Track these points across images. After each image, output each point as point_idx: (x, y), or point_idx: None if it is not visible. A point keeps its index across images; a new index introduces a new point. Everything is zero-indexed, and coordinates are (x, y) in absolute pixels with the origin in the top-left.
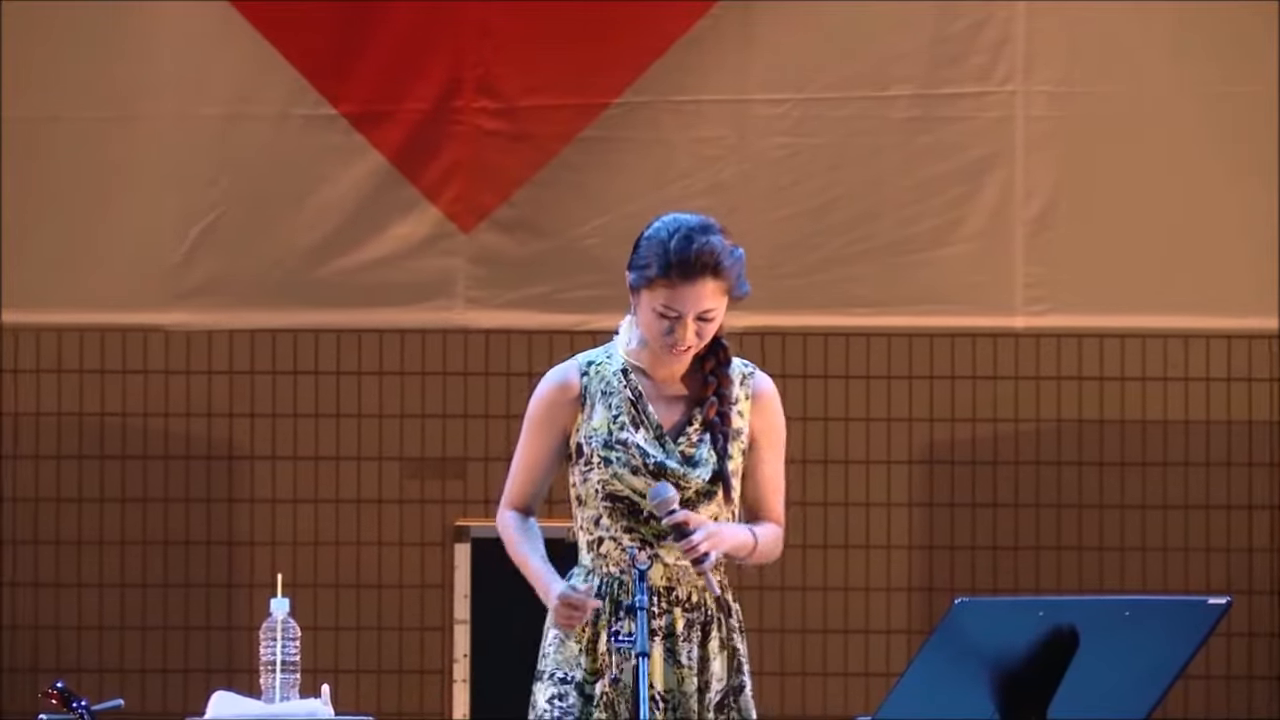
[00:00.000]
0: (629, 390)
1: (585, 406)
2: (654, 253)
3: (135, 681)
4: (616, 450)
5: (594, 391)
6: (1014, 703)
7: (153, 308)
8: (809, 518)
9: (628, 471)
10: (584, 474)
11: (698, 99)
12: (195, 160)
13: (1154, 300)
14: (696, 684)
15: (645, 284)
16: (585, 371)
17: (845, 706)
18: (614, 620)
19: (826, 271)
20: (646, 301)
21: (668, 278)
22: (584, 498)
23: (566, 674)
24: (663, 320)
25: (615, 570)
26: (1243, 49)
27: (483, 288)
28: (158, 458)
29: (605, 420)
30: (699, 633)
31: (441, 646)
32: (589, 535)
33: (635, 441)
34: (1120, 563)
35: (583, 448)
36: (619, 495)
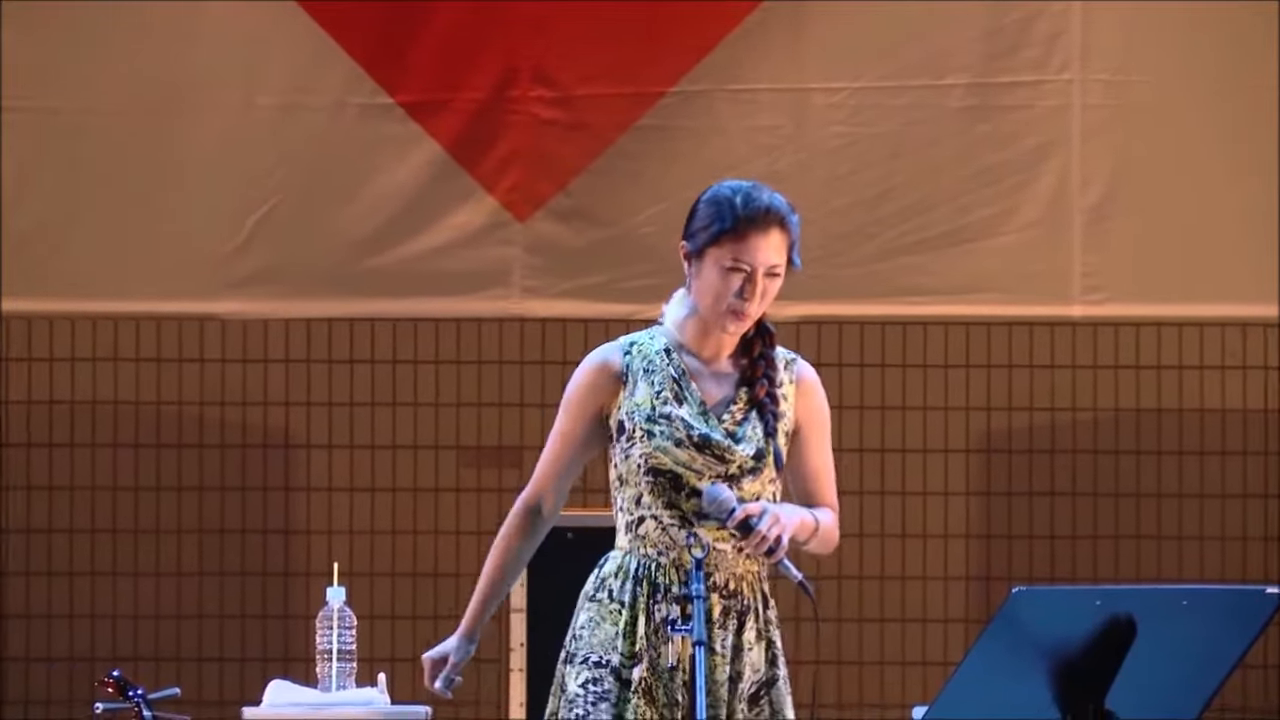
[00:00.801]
0: (672, 368)
1: (627, 384)
2: (720, 209)
3: (191, 670)
4: (660, 423)
5: (636, 369)
6: (1071, 692)
7: (209, 296)
8: (866, 507)
9: (671, 444)
10: (626, 450)
11: (754, 88)
12: (252, 150)
13: (1212, 288)
14: (728, 673)
15: (712, 241)
16: (628, 351)
17: (903, 695)
18: (651, 603)
19: (884, 260)
20: (712, 261)
21: (737, 230)
22: (625, 476)
23: (601, 657)
24: (732, 276)
25: (653, 551)
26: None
27: (539, 277)
28: (214, 446)
29: (648, 396)
30: (735, 621)
31: (498, 635)
32: (628, 516)
33: (679, 414)
34: (1178, 552)
35: (625, 424)
36: (662, 470)
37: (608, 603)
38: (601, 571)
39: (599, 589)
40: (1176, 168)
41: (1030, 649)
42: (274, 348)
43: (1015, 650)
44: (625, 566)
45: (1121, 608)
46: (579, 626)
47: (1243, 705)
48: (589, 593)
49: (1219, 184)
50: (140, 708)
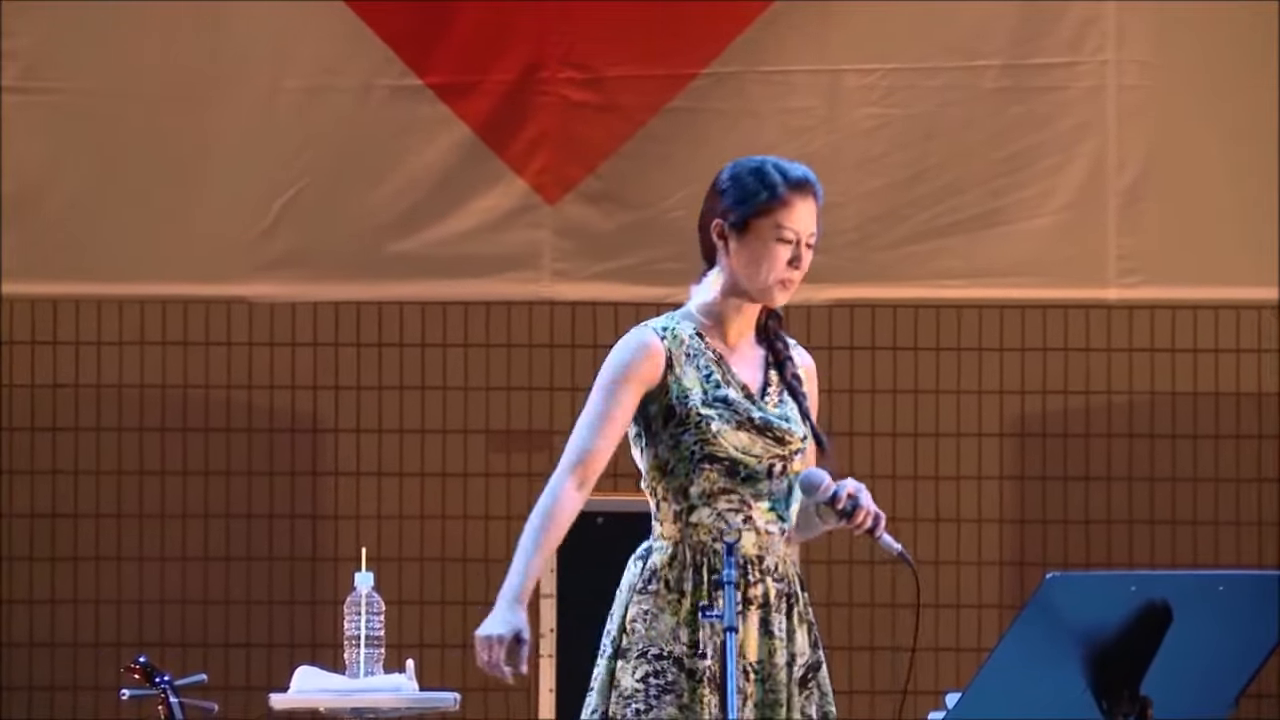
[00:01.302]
0: (710, 352)
1: (674, 368)
2: (759, 180)
3: (218, 656)
4: (717, 407)
5: (678, 354)
6: (1106, 679)
7: (236, 279)
8: (899, 491)
9: (730, 428)
10: (675, 437)
11: (786, 69)
12: (279, 133)
13: (1248, 271)
14: (786, 656)
15: (758, 212)
16: (662, 336)
17: (935, 682)
18: (713, 591)
19: (917, 243)
20: (759, 233)
21: (784, 199)
22: (672, 464)
23: (662, 649)
24: (780, 247)
25: (708, 538)
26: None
27: (568, 260)
28: (241, 430)
29: (697, 380)
30: (785, 604)
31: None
32: (676, 505)
33: (735, 398)
34: (1214, 537)
35: (674, 409)
36: (719, 456)
37: (665, 593)
38: (650, 563)
39: (651, 580)
40: (1213, 149)
41: (1064, 635)
42: (302, 331)
43: (1049, 636)
44: (679, 556)
45: (1157, 593)
46: (630, 620)
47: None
48: (637, 585)
49: (1257, 165)
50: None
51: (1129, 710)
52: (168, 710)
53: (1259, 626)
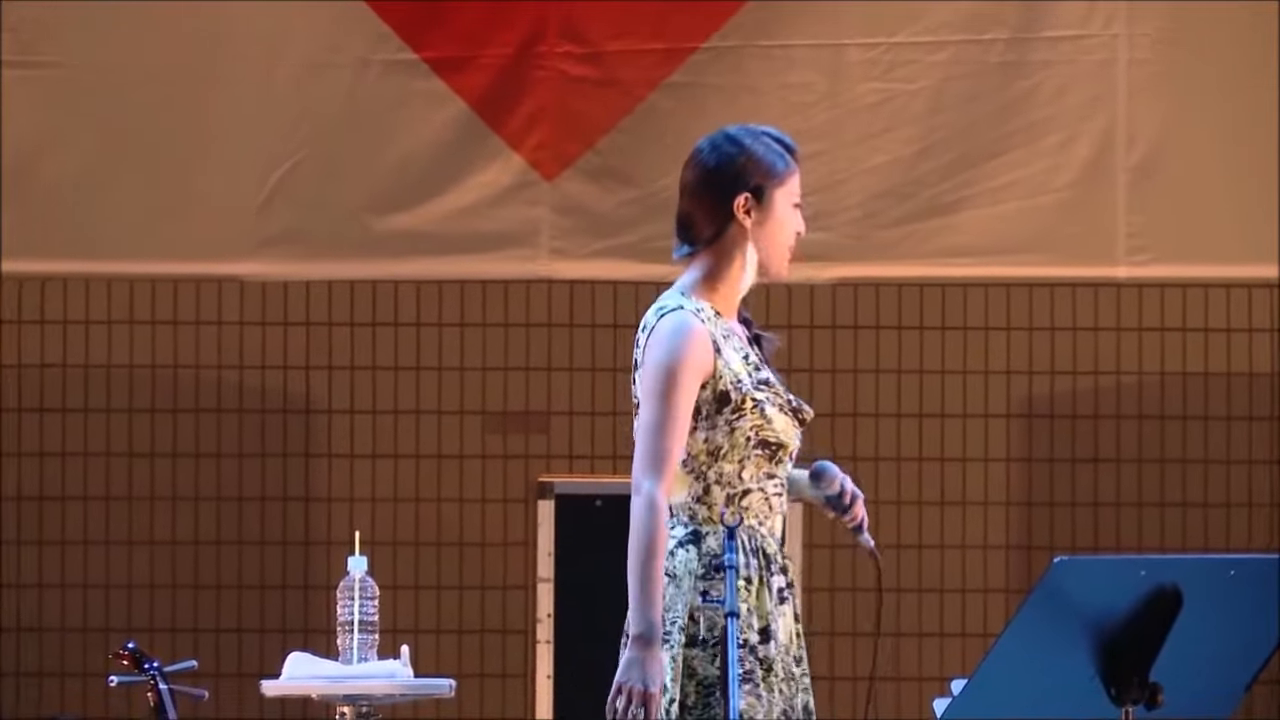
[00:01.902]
0: (735, 332)
1: (720, 353)
2: (764, 149)
3: (209, 642)
4: (764, 390)
5: (718, 336)
6: (1115, 665)
7: (228, 257)
8: (903, 473)
9: (776, 411)
10: (731, 423)
11: (787, 44)
12: (275, 109)
13: (1262, 249)
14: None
15: (780, 180)
16: (701, 320)
17: (941, 668)
18: (768, 575)
19: (922, 221)
20: (780, 201)
21: (792, 165)
22: (726, 450)
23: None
24: (798, 212)
25: (755, 522)
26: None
27: (567, 237)
28: (232, 411)
29: (741, 364)
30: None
31: (525, 606)
32: (730, 489)
33: (774, 380)
34: (1226, 520)
35: (730, 395)
36: (770, 441)
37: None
38: (705, 547)
39: (714, 568)
40: (1226, 124)
41: (1073, 621)
42: (294, 310)
43: (1057, 622)
44: (739, 540)
45: (1167, 578)
46: (697, 608)
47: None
48: (698, 572)
49: (1269, 142)
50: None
51: (1138, 697)
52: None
53: (1272, 612)
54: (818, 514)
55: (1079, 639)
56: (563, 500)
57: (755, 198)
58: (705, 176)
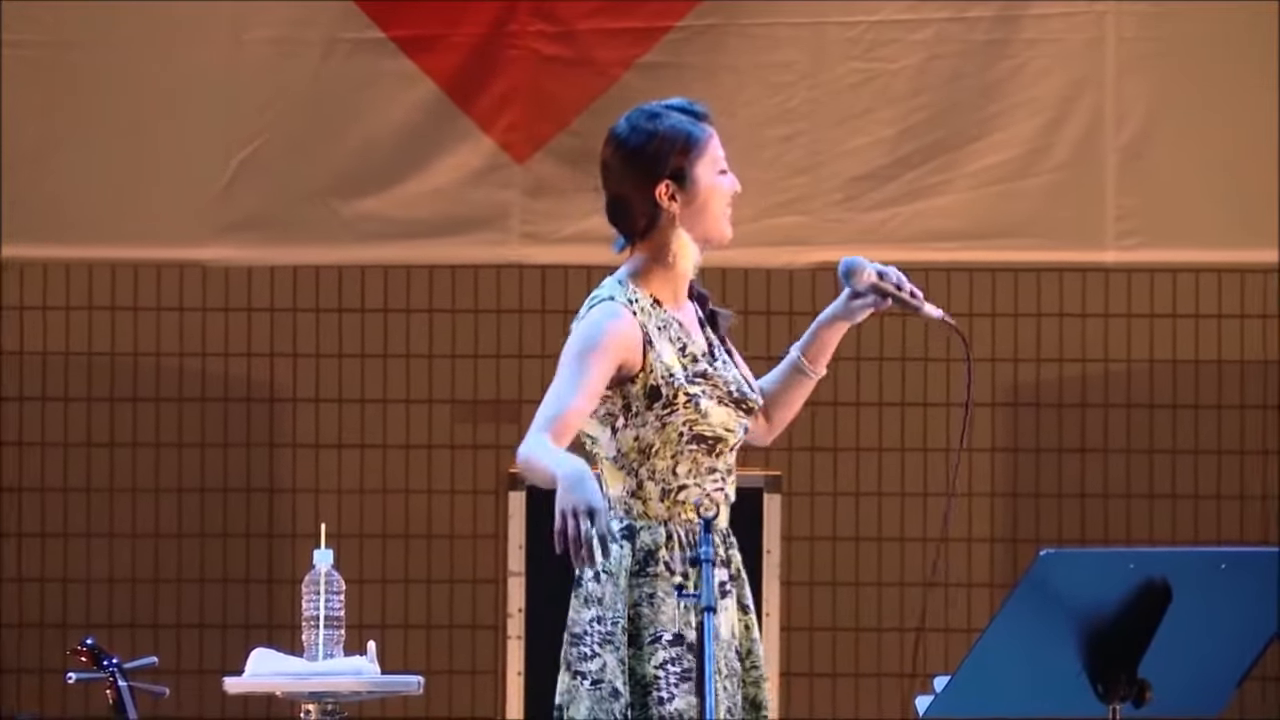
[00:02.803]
0: (674, 320)
1: (653, 346)
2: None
3: (170, 638)
4: (699, 383)
5: (651, 329)
6: (1102, 661)
7: (190, 241)
8: (886, 463)
9: (714, 404)
10: (662, 419)
11: (766, 22)
12: (238, 88)
13: (1253, 233)
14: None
15: (697, 155)
16: (633, 310)
17: (924, 665)
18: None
19: (904, 204)
20: (704, 174)
21: (707, 132)
22: (658, 446)
23: (676, 634)
24: (724, 177)
25: (693, 516)
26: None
27: (539, 221)
28: (194, 400)
29: (675, 356)
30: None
31: (495, 600)
32: (663, 484)
33: (713, 371)
34: (1216, 512)
35: (660, 390)
36: (707, 436)
37: (667, 576)
38: (640, 543)
39: (648, 562)
40: (1217, 105)
41: (1059, 615)
42: (258, 295)
43: (1043, 616)
44: (673, 535)
45: (1156, 571)
46: (634, 605)
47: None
48: (631, 569)
49: (1262, 121)
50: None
51: (1126, 694)
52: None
53: (1263, 607)
54: (797, 506)
55: (1066, 634)
56: (534, 491)
57: (677, 182)
58: (625, 165)
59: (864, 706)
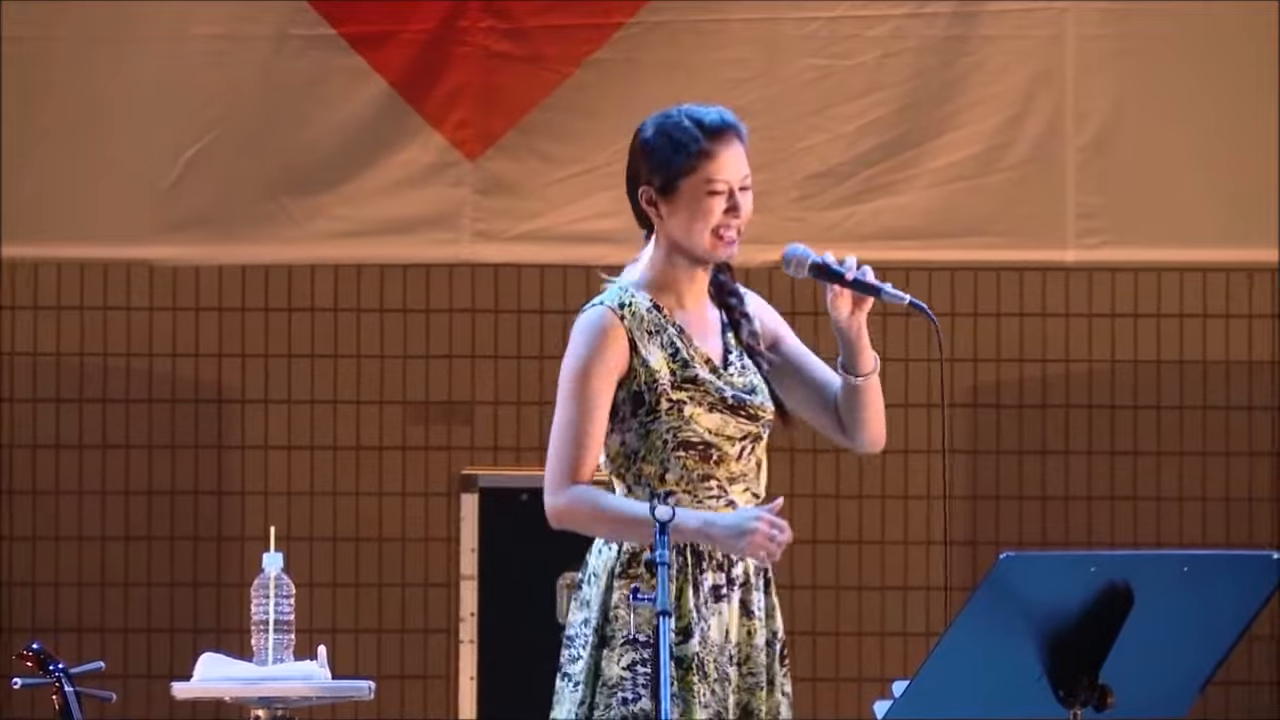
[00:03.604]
0: (671, 326)
1: (638, 350)
2: (679, 135)
3: (117, 642)
4: (687, 389)
5: (639, 334)
6: (1063, 666)
7: (137, 240)
8: (843, 466)
9: (704, 410)
10: (645, 425)
11: (720, 18)
12: (186, 84)
13: (1217, 231)
14: (765, 635)
15: (684, 171)
16: (621, 315)
17: (882, 668)
18: (697, 572)
19: (861, 202)
20: (689, 191)
21: (704, 151)
22: (644, 452)
23: (648, 636)
24: (714, 200)
25: None
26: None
27: (491, 219)
28: (141, 400)
29: (664, 361)
30: (763, 580)
31: (447, 604)
32: (649, 491)
33: (705, 377)
34: (1178, 514)
35: (643, 396)
36: (693, 443)
37: (648, 578)
38: (626, 546)
39: (631, 564)
40: (1178, 103)
41: (1019, 619)
42: (206, 295)
43: (1003, 620)
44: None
45: (1118, 574)
46: (613, 607)
47: (1248, 677)
48: (615, 570)
49: (1224, 120)
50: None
51: (1087, 699)
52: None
53: (1227, 609)
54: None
55: (1026, 638)
56: (487, 494)
57: (661, 190)
58: (628, 163)
59: (821, 711)
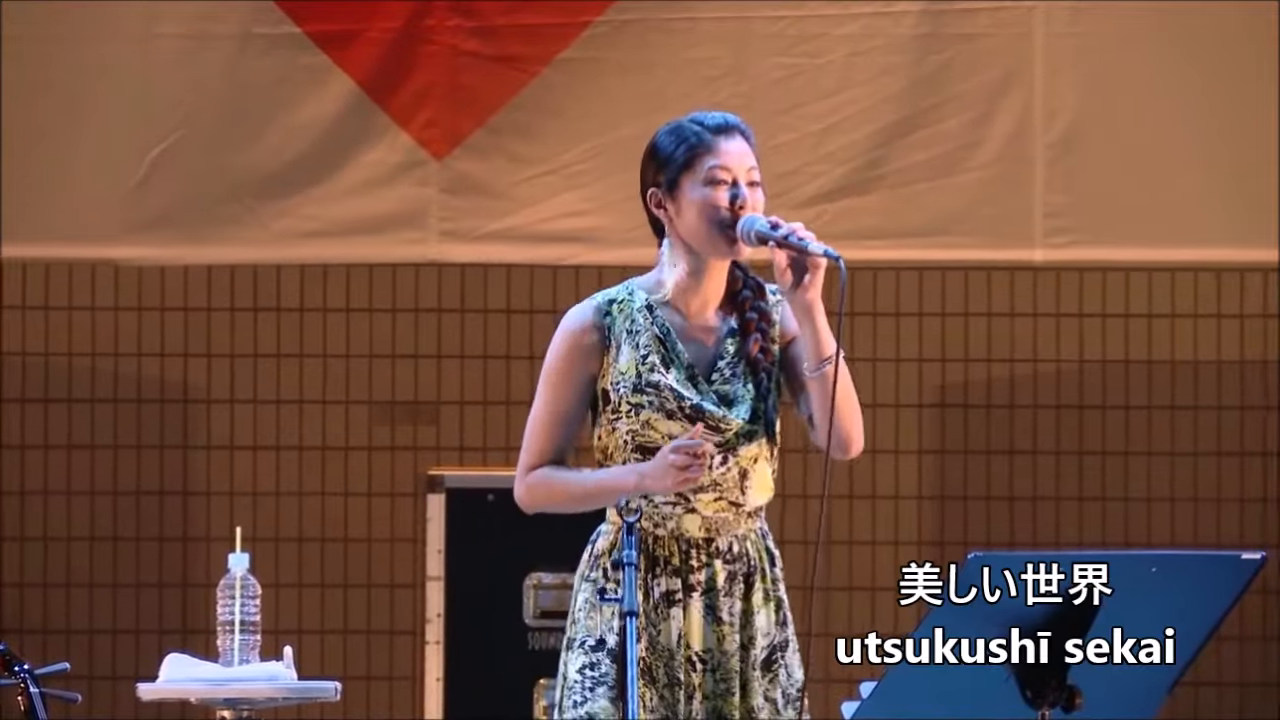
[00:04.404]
0: (656, 327)
1: (611, 349)
2: (680, 133)
3: (82, 643)
4: (647, 394)
5: (619, 331)
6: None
7: (103, 240)
8: (810, 467)
9: (662, 416)
10: (612, 423)
11: (690, 17)
12: (151, 83)
13: (1185, 231)
14: (739, 641)
15: (685, 166)
16: (607, 311)
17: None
18: (650, 578)
19: (830, 201)
20: (692, 184)
21: (705, 143)
22: (611, 450)
23: (599, 639)
24: (718, 190)
25: (648, 524)
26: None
27: (458, 219)
28: (107, 401)
29: (633, 362)
30: (741, 585)
31: (413, 605)
32: None
33: (667, 383)
34: (1146, 514)
35: (610, 395)
36: (649, 447)
37: (603, 581)
38: (595, 548)
39: (593, 567)
40: (1147, 102)
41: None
42: (172, 295)
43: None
44: (619, 541)
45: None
46: (577, 610)
47: (1218, 679)
48: (583, 572)
49: (1194, 118)
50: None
51: (1056, 699)
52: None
53: (1195, 610)
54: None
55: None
56: (453, 494)
57: (667, 189)
58: (640, 174)
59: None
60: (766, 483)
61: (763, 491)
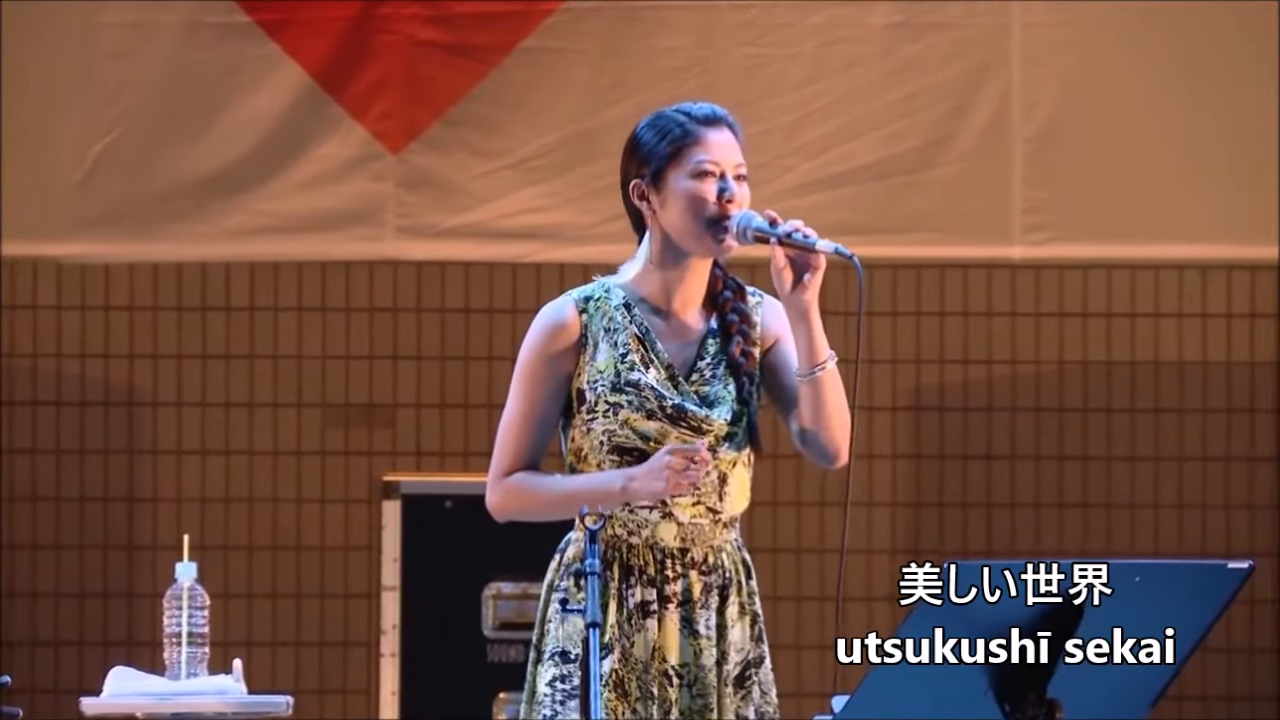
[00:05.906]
0: (635, 326)
1: (588, 347)
2: (665, 124)
3: (24, 656)
4: (627, 393)
5: (596, 329)
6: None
7: (45, 237)
8: (780, 472)
9: (641, 416)
10: (587, 424)
11: (654, 4)
12: (95, 73)
13: (1167, 227)
14: (715, 655)
15: (670, 158)
16: (583, 309)
17: (820, 682)
18: (624, 588)
19: (800, 196)
20: (677, 177)
21: (691, 135)
22: (585, 452)
23: (570, 651)
24: (704, 183)
25: (622, 532)
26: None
27: (414, 215)
28: (49, 403)
29: (611, 361)
30: (717, 598)
31: (368, 616)
32: None
33: (648, 383)
34: (1130, 521)
35: (585, 394)
36: (627, 447)
37: (575, 591)
38: (564, 557)
39: (563, 577)
40: (1127, 94)
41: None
42: (117, 293)
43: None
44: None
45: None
46: (546, 621)
47: (1203, 692)
48: (552, 581)
49: (1176, 113)
50: None
51: (1035, 713)
52: None
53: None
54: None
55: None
56: (409, 501)
57: (651, 181)
58: (621, 167)
59: None
60: (744, 489)
61: (740, 499)
